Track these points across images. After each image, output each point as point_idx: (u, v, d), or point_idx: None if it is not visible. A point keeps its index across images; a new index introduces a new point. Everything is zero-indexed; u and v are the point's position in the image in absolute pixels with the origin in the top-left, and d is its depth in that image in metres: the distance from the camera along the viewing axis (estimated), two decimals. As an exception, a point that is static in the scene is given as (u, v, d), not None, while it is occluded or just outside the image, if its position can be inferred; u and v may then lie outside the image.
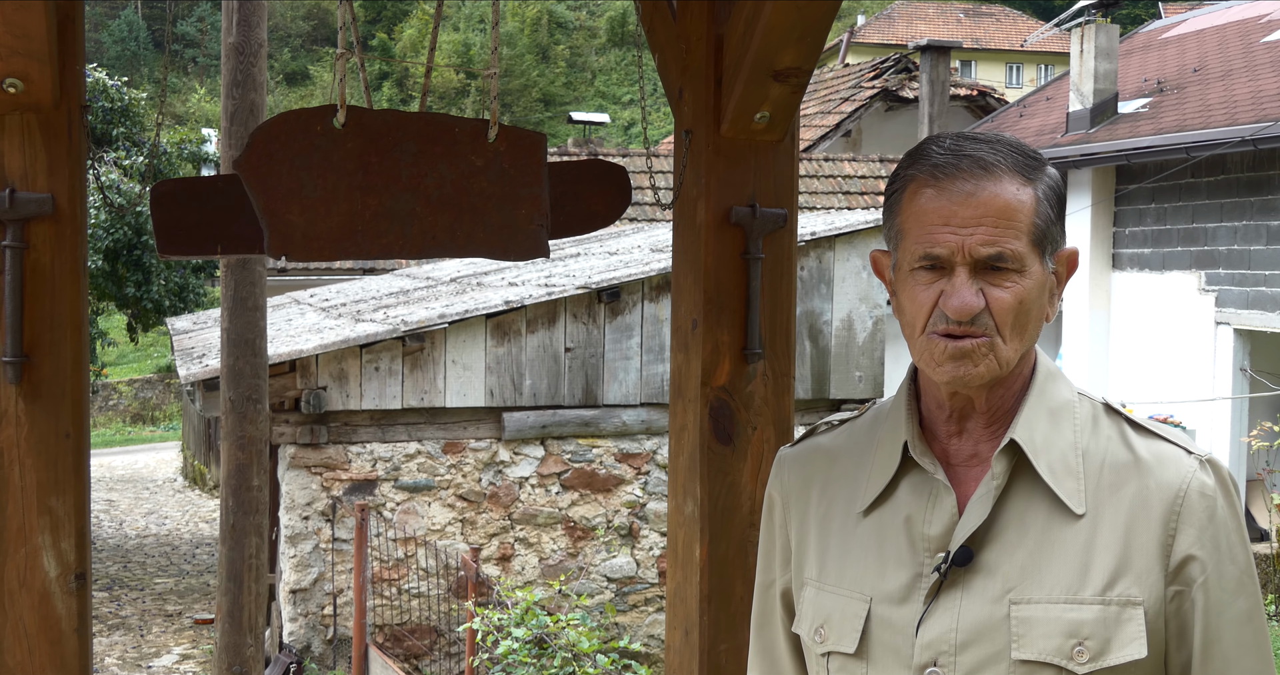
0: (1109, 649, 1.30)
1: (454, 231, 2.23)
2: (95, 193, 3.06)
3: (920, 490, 1.39)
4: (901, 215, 1.38)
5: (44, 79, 1.92)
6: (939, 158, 1.35)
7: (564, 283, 8.60)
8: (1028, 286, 1.33)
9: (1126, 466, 1.35)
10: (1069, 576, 1.32)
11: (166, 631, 9.67)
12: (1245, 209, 10.62)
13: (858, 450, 1.48)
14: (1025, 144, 1.38)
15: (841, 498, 1.46)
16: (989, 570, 1.34)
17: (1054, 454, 1.35)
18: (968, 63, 43.69)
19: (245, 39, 6.42)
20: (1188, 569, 1.32)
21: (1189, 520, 1.32)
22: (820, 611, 1.43)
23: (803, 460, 1.53)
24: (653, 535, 8.48)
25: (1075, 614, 1.30)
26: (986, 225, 1.32)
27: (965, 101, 19.07)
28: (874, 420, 1.50)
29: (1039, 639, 1.30)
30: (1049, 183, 1.37)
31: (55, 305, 1.99)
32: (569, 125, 29.77)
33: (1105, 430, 1.39)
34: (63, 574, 2.00)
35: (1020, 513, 1.35)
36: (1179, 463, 1.35)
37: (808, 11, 2.16)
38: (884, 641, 1.37)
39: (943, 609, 1.34)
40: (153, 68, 48.38)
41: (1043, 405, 1.38)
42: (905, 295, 1.37)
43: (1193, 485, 1.33)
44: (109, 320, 20.32)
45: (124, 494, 16.47)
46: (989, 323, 1.33)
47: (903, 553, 1.38)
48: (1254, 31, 13.60)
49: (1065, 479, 1.35)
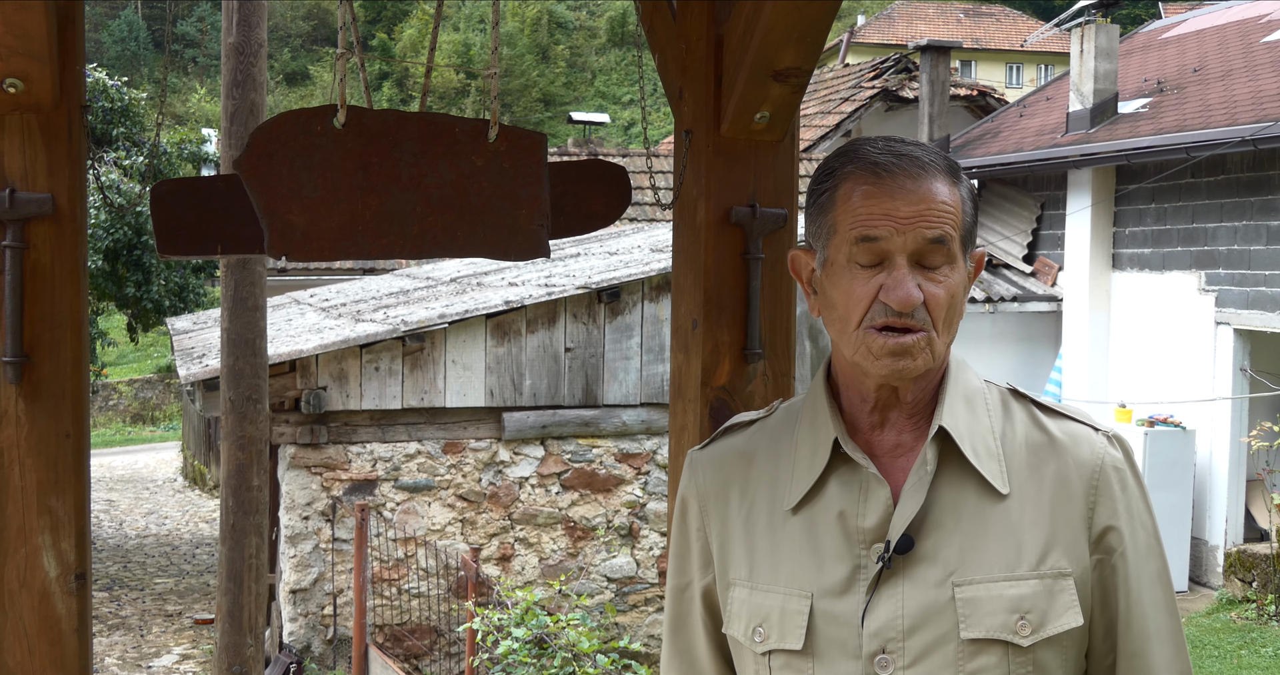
0: (1048, 620, 1.35)
1: (454, 231, 2.23)
2: (95, 193, 3.06)
3: (850, 484, 1.42)
4: (835, 211, 1.40)
5: (44, 79, 1.92)
6: (877, 156, 1.39)
7: (564, 283, 8.60)
8: (957, 281, 1.39)
9: (1043, 446, 1.42)
10: (1005, 555, 1.37)
11: (166, 631, 9.66)
12: (1245, 209, 10.62)
13: (774, 449, 1.50)
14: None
15: (763, 497, 1.48)
16: (930, 556, 1.37)
17: (976, 439, 1.41)
18: (968, 63, 43.68)
19: (245, 39, 6.42)
20: (1108, 538, 1.40)
21: (1105, 493, 1.41)
22: (756, 611, 1.45)
23: (718, 462, 1.54)
24: (653, 535, 8.48)
25: (1015, 590, 1.35)
26: (929, 217, 1.36)
27: (965, 101, 19.06)
28: (785, 419, 1.52)
29: (985, 617, 1.35)
30: (969, 186, 1.44)
31: (55, 305, 1.99)
32: (569, 125, 29.75)
33: (1016, 413, 1.46)
34: (63, 574, 2.00)
35: (952, 498, 1.39)
36: (1090, 440, 1.43)
37: (808, 11, 2.16)
38: (829, 635, 1.39)
39: (886, 597, 1.37)
40: (153, 68, 48.37)
41: (959, 393, 1.44)
42: (838, 290, 1.40)
43: (1106, 460, 1.42)
44: (109, 320, 20.31)
45: (124, 494, 16.47)
46: (925, 317, 1.37)
47: (839, 547, 1.41)
48: (1254, 31, 13.60)
49: (988, 462, 1.40)
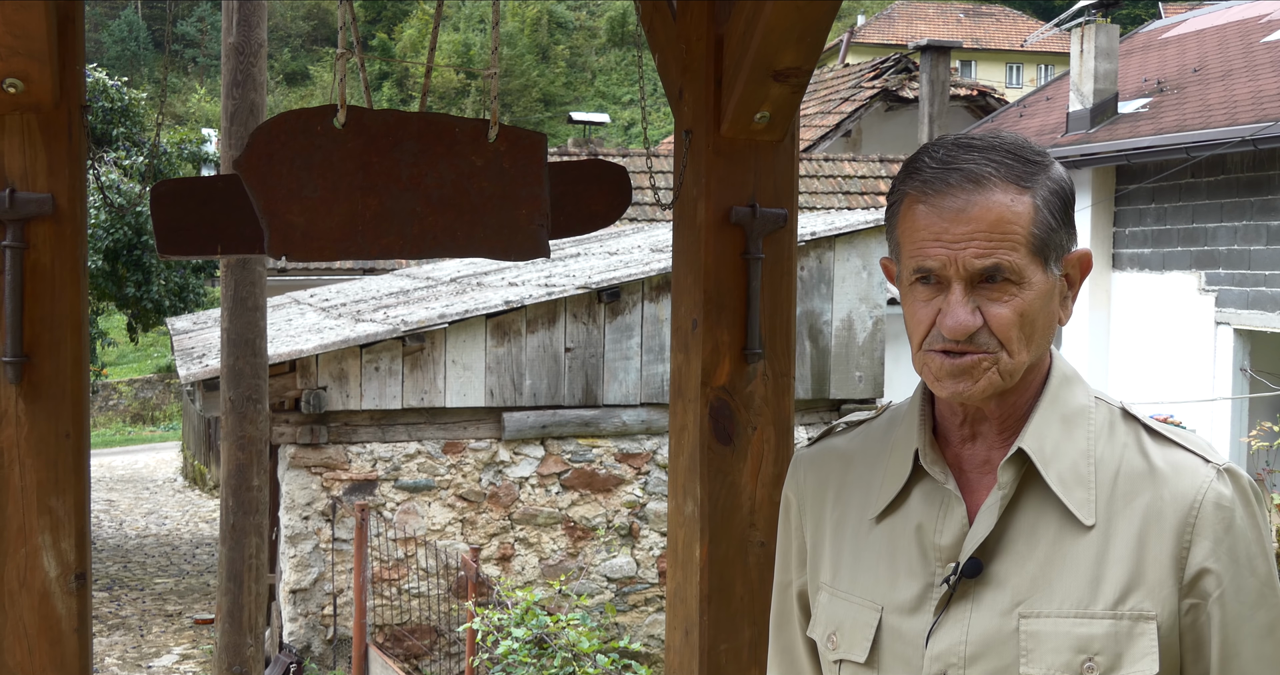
0: (1120, 665, 1.27)
1: (454, 231, 2.23)
2: (95, 193, 3.06)
3: (932, 499, 1.37)
4: (899, 230, 1.36)
5: (44, 79, 1.92)
6: (929, 172, 1.31)
7: (564, 283, 8.59)
8: (1028, 299, 1.30)
9: (1141, 476, 1.31)
10: (1079, 590, 1.29)
11: (166, 631, 9.66)
12: (1245, 209, 10.62)
13: (872, 453, 1.46)
14: (1027, 145, 1.33)
15: (855, 502, 1.45)
16: (999, 582, 1.31)
17: (1064, 463, 1.32)
18: (968, 63, 43.67)
19: (245, 39, 6.42)
20: (1203, 582, 1.28)
21: (1204, 532, 1.28)
22: (833, 618, 1.43)
23: (819, 462, 1.52)
24: (653, 535, 8.47)
25: (1085, 629, 1.27)
26: (979, 240, 1.28)
27: (965, 101, 19.07)
28: (889, 423, 1.48)
29: (1048, 654, 1.28)
30: (1050, 187, 1.32)
31: (55, 305, 1.99)
32: (569, 125, 29.76)
33: (1121, 437, 1.35)
34: (63, 574, 2.00)
35: (1031, 523, 1.32)
36: (1195, 472, 1.31)
37: (808, 11, 2.16)
38: (894, 652, 1.36)
39: (953, 621, 1.32)
40: (153, 68, 48.36)
41: (1055, 412, 1.35)
42: (906, 308, 1.36)
43: (1208, 496, 1.29)
44: (109, 320, 20.31)
45: (124, 494, 16.46)
46: (989, 340, 1.30)
47: (914, 562, 1.37)
48: (1254, 31, 13.60)
49: (1075, 489, 1.31)
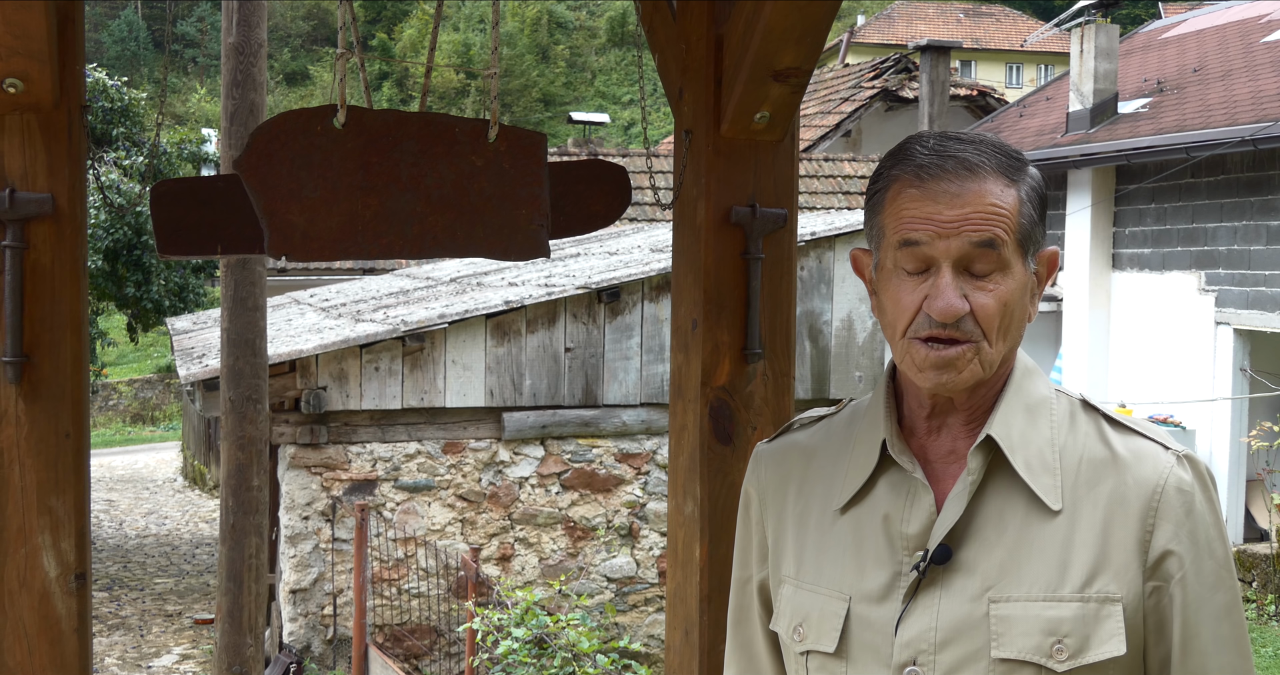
0: (1088, 646, 1.29)
1: (454, 231, 2.23)
2: (95, 193, 3.06)
3: (898, 488, 1.39)
4: (884, 214, 1.36)
5: (44, 79, 1.92)
6: (923, 158, 1.33)
7: (564, 283, 8.60)
8: (1011, 288, 1.33)
9: (1104, 463, 1.35)
10: (1048, 574, 1.31)
11: (166, 631, 9.66)
12: (1245, 209, 10.62)
13: (834, 448, 1.48)
14: (1007, 144, 1.37)
15: (818, 495, 1.46)
16: (968, 568, 1.33)
17: (1030, 450, 1.35)
18: (968, 63, 43.67)
19: (245, 39, 6.42)
20: (1165, 564, 1.32)
21: (1166, 516, 1.32)
22: (799, 610, 1.43)
23: (780, 457, 1.53)
24: (653, 535, 8.47)
25: (1054, 612, 1.30)
26: (974, 221, 1.31)
27: (965, 101, 19.07)
28: (851, 417, 1.50)
29: (1018, 637, 1.30)
30: (1031, 183, 1.36)
31: (55, 305, 1.99)
32: (569, 125, 29.76)
33: (1083, 427, 1.39)
34: (63, 574, 2.00)
35: (998, 510, 1.34)
36: (1156, 459, 1.35)
37: (808, 11, 2.16)
38: (863, 641, 1.37)
39: (921, 608, 1.34)
40: (153, 68, 48.36)
41: (1020, 402, 1.38)
42: (887, 296, 1.36)
43: (1170, 481, 1.33)
44: (109, 320, 20.31)
45: (124, 494, 16.47)
46: (972, 328, 1.32)
47: (881, 551, 1.38)
48: (1254, 31, 13.60)
49: (1042, 475, 1.34)
